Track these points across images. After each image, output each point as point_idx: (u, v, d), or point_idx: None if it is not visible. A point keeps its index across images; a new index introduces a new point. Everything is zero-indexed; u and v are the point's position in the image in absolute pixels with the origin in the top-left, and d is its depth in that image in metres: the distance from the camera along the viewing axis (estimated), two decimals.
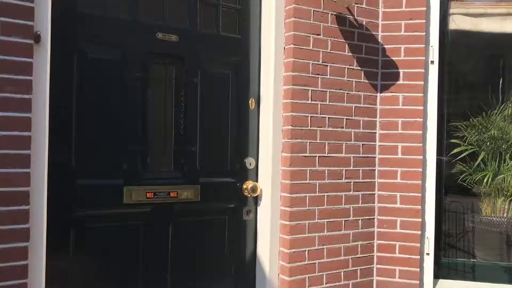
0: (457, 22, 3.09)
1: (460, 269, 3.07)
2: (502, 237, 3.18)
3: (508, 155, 3.12)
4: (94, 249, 2.27)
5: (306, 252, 2.65)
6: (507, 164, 3.10)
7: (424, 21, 2.83)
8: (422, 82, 2.84)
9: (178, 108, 2.48)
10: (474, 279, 3.03)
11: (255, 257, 2.71)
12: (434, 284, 2.92)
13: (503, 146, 3.13)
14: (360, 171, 2.85)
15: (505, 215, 3.12)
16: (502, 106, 3.09)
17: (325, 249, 2.71)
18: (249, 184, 2.64)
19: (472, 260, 3.13)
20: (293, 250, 2.61)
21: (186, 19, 2.52)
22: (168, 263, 2.46)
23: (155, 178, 2.42)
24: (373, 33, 2.87)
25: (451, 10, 3.07)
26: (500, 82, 3.10)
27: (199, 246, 2.55)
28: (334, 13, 2.73)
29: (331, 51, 2.73)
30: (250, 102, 2.70)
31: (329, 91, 2.74)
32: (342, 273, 2.76)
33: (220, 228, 2.62)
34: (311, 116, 2.68)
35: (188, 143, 2.50)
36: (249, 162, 2.69)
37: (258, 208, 2.71)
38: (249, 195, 2.66)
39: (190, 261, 2.52)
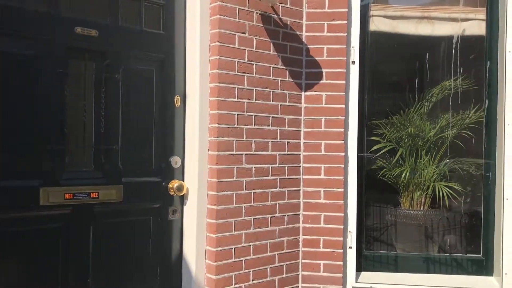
0: (377, 24, 3.22)
1: (381, 261, 3.20)
2: (420, 229, 3.36)
3: (424, 151, 3.30)
4: (9, 254, 2.15)
5: (233, 249, 2.66)
6: (423, 160, 3.28)
7: (346, 22, 2.92)
8: (344, 82, 2.93)
9: (98, 105, 2.39)
10: (394, 270, 3.18)
11: (181, 257, 2.68)
12: (357, 276, 3.03)
13: (419, 143, 3.30)
14: (286, 168, 2.90)
15: (422, 208, 3.30)
16: (418, 105, 3.26)
17: (251, 246, 2.73)
18: (174, 183, 2.61)
19: (392, 252, 3.29)
20: (220, 248, 2.61)
21: (107, 14, 2.44)
22: (89, 266, 2.37)
23: (75, 179, 2.32)
24: (298, 33, 2.93)
25: (371, 12, 3.20)
26: (416, 82, 3.27)
27: (123, 248, 2.48)
28: (259, 12, 2.75)
29: (257, 50, 2.75)
30: (175, 99, 2.66)
31: (256, 90, 2.76)
32: (268, 269, 2.80)
33: (144, 229, 2.56)
34: (238, 114, 2.69)
35: (109, 142, 2.42)
36: (175, 161, 2.65)
37: (184, 207, 2.68)
38: (175, 195, 2.62)
39: (113, 263, 2.44)
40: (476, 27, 3.18)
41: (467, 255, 3.20)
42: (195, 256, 2.62)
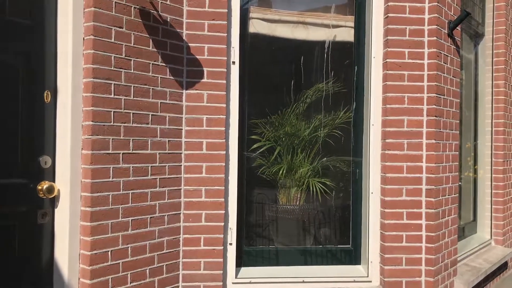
0: (256, 27, 3.32)
1: (261, 256, 3.31)
2: (297, 223, 3.53)
3: (300, 149, 3.47)
4: None
5: (109, 252, 2.55)
6: (299, 157, 3.45)
7: (226, 22, 2.96)
8: (224, 81, 2.97)
9: None
10: (274, 264, 3.30)
11: (53, 262, 2.50)
12: (237, 272, 3.10)
13: (295, 141, 3.47)
14: (167, 167, 2.86)
15: (298, 203, 3.47)
16: (294, 105, 3.42)
17: (129, 248, 2.64)
18: (44, 185, 2.43)
19: (271, 246, 3.41)
20: (95, 251, 2.48)
21: None
22: None
23: None
24: (178, 30, 2.90)
25: (251, 15, 3.29)
26: (293, 83, 3.42)
27: None
28: (138, 7, 2.67)
29: (135, 46, 2.67)
30: (45, 95, 2.48)
31: (134, 86, 2.68)
32: (147, 270, 2.73)
33: (9, 234, 2.35)
34: (114, 111, 2.58)
35: None
36: (44, 160, 2.47)
37: (55, 210, 2.51)
38: (45, 197, 2.44)
39: None
40: (346, 34, 3.43)
41: (338, 246, 3.44)
42: (67, 261, 2.47)
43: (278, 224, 3.51)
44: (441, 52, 3.22)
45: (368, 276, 3.22)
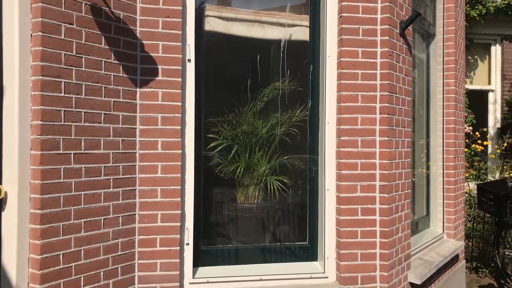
0: (212, 24, 3.30)
1: (219, 255, 3.30)
2: (255, 221, 3.54)
3: (257, 147, 3.48)
4: None
5: (61, 255, 2.48)
6: (257, 156, 3.46)
7: (181, 20, 2.93)
8: (180, 79, 2.94)
9: None
10: (232, 263, 3.29)
11: (0, 267, 2.41)
12: (194, 272, 3.07)
13: (253, 140, 3.48)
14: (121, 167, 2.80)
15: (255, 201, 3.48)
16: (252, 104, 3.43)
17: (82, 250, 2.58)
18: None
19: (229, 245, 3.40)
20: (45, 255, 2.41)
21: None
22: None
23: None
24: (131, 27, 2.85)
25: (207, 12, 3.27)
26: (251, 82, 3.43)
27: None
28: (89, 3, 2.61)
29: (86, 43, 2.61)
30: None
31: (85, 84, 2.61)
32: (101, 273, 2.67)
33: None
34: (65, 110, 2.51)
35: None
36: None
37: (2, 213, 2.42)
38: None
39: None
40: (302, 33, 3.46)
41: (296, 243, 3.47)
42: (15, 266, 2.38)
43: (236, 223, 3.51)
44: (394, 51, 3.30)
45: (324, 272, 3.26)
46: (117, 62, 2.77)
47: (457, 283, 4.68)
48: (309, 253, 3.41)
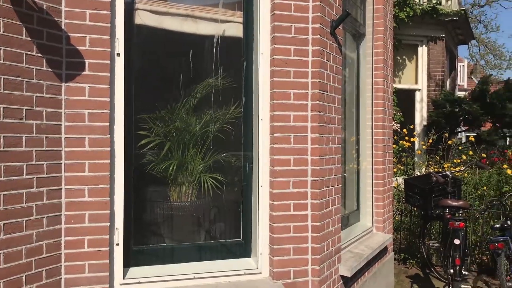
0: (143, 18, 3.21)
1: (151, 254, 3.22)
2: (188, 219, 3.50)
3: (191, 144, 3.44)
4: None
5: None
6: (190, 153, 3.42)
7: (109, 12, 2.83)
8: (108, 74, 2.84)
9: None
10: (165, 262, 3.23)
11: None
12: (125, 273, 2.99)
13: (187, 137, 3.43)
14: (45, 165, 2.67)
15: (189, 199, 3.43)
16: (185, 100, 3.38)
17: (2, 254, 2.43)
18: None
19: (162, 244, 3.33)
20: None
21: None
22: None
23: None
24: (56, 19, 2.71)
25: (137, 5, 3.17)
26: (184, 78, 3.37)
27: None
28: None
29: (5, 33, 2.45)
30: None
31: (4, 78, 2.46)
32: (24, 277, 2.53)
33: None
34: None
35: None
36: None
37: None
38: None
39: None
40: (235, 29, 3.45)
41: (230, 240, 3.46)
42: None
43: (170, 222, 3.45)
44: (325, 50, 3.37)
45: (258, 268, 3.28)
46: (40, 55, 2.63)
47: (386, 274, 4.88)
48: (243, 249, 3.42)
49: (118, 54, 2.92)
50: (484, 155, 8.36)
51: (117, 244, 2.91)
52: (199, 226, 3.50)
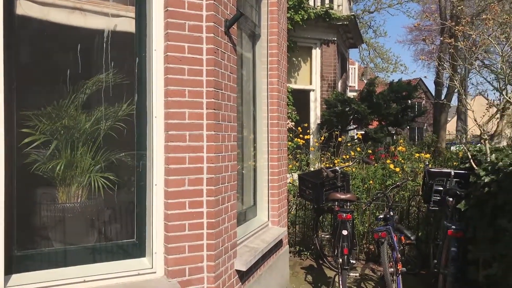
0: (25, 9, 3.00)
1: (38, 259, 3.03)
2: (79, 221, 3.34)
3: (80, 143, 3.29)
4: None
5: None
6: (80, 152, 3.27)
7: None
8: None
9: None
10: (53, 266, 3.05)
11: None
12: (6, 280, 2.79)
13: (76, 135, 3.27)
14: None
15: (79, 200, 3.28)
16: (73, 97, 3.22)
17: None
18: None
19: (49, 248, 3.14)
20: None
21: None
22: None
23: None
24: None
25: None
26: (72, 73, 3.21)
27: None
28: None
29: None
30: None
31: None
32: None
33: None
34: None
35: None
36: None
37: None
38: None
39: None
40: (127, 24, 3.36)
41: (124, 240, 3.36)
42: None
43: (58, 224, 3.27)
44: (219, 48, 3.42)
45: (153, 268, 3.24)
46: None
47: (281, 267, 5.07)
48: (137, 249, 3.34)
49: None
50: (370, 151, 9.02)
51: None
52: (90, 228, 3.36)
